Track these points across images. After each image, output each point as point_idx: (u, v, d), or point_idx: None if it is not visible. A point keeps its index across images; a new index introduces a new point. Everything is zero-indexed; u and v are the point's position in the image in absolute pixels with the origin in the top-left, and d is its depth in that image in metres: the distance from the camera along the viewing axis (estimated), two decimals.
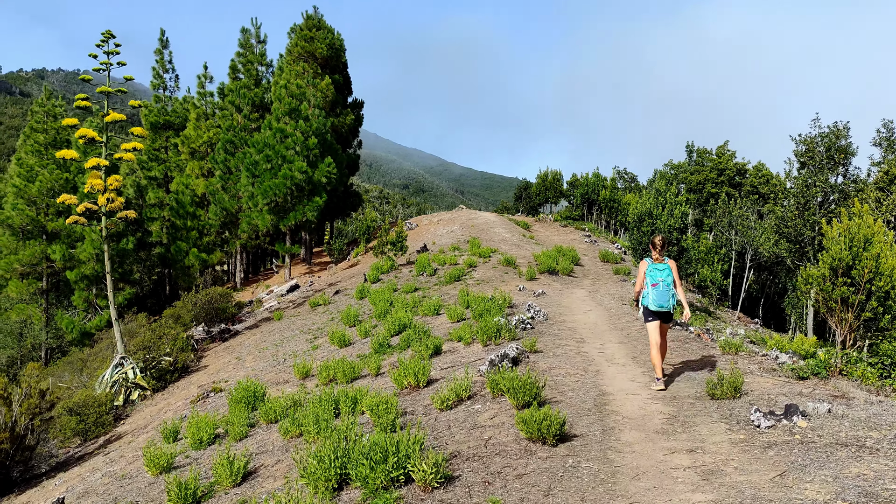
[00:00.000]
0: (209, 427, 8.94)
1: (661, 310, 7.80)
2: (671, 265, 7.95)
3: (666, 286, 7.75)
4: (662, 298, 7.75)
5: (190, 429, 8.97)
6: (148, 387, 17.70)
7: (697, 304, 20.90)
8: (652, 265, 7.90)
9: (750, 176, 37.67)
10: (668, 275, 7.81)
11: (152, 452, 7.78)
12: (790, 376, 7.74)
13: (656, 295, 7.77)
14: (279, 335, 19.50)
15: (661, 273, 7.82)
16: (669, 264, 7.94)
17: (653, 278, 7.85)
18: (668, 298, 7.74)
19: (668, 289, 7.74)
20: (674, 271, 7.94)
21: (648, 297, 7.85)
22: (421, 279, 21.47)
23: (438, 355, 10.88)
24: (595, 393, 7.37)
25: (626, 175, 49.20)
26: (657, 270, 7.84)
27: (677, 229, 16.47)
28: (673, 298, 7.79)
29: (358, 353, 13.44)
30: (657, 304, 7.77)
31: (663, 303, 7.75)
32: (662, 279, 7.78)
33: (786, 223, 22.16)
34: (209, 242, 34.98)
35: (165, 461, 7.73)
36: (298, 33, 36.09)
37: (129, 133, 19.65)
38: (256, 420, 9.25)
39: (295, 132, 29.85)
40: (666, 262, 7.93)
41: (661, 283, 7.77)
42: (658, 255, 7.90)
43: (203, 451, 8.59)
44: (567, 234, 34.69)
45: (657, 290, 7.77)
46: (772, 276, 32.65)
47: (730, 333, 12.28)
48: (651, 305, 7.83)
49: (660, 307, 7.77)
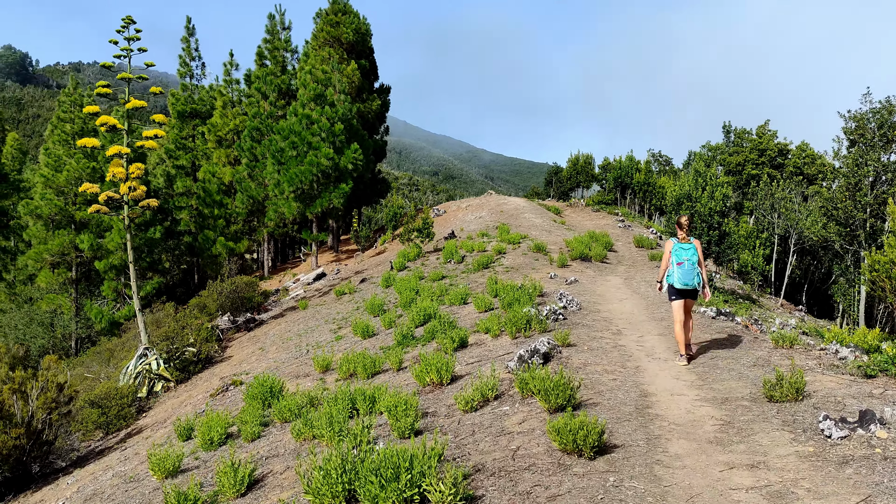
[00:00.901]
0: (221, 426, 8.43)
1: (686, 288, 7.96)
2: (696, 245, 8.11)
3: (691, 265, 7.92)
4: (688, 277, 7.91)
5: (201, 428, 8.47)
6: (171, 378, 17.39)
7: (739, 290, 19.89)
8: (678, 244, 8.06)
9: (793, 156, 35.99)
10: (693, 254, 7.97)
11: (158, 455, 7.27)
12: (856, 374, 6.91)
13: (681, 273, 7.94)
14: (304, 325, 19.08)
15: (686, 252, 7.97)
16: (695, 244, 8.10)
17: (678, 257, 8.00)
18: (692, 277, 7.91)
19: (693, 267, 7.91)
20: (699, 251, 8.09)
21: (674, 276, 8.01)
22: (448, 266, 20.86)
23: (464, 348, 10.22)
24: (636, 393, 6.64)
25: (660, 158, 47.75)
26: (683, 250, 8.00)
27: (718, 212, 15.53)
28: (698, 277, 7.96)
29: (381, 344, 12.88)
30: (682, 283, 7.94)
31: (688, 281, 7.91)
32: (688, 258, 7.94)
33: (835, 205, 20.91)
34: (236, 231, 34.74)
35: (171, 464, 7.22)
36: (324, 18, 35.51)
37: (151, 120, 19.30)
38: (271, 419, 8.72)
39: (321, 118, 29.32)
40: (692, 241, 8.10)
41: (687, 261, 7.93)
42: (684, 234, 8.07)
43: (214, 451, 8.08)
44: (600, 218, 33.67)
45: (682, 269, 7.93)
46: (815, 261, 31.26)
47: (779, 324, 11.40)
48: (676, 283, 7.99)
49: (685, 285, 7.93)
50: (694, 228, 15.05)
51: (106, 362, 23.05)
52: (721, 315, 10.89)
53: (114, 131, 18.31)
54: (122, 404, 14.89)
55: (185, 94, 36.16)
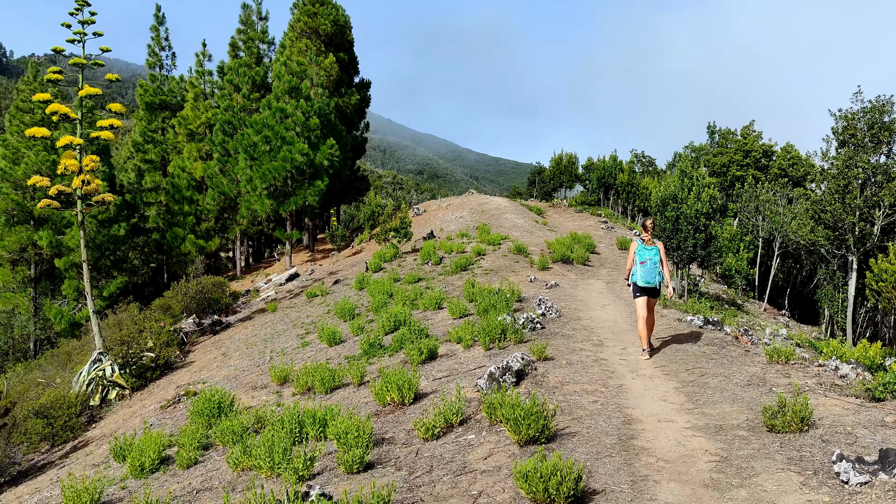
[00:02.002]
0: (155, 449, 7.53)
1: (649, 286, 8.50)
2: (659, 246, 8.64)
3: (653, 264, 8.46)
4: (650, 275, 8.46)
5: (133, 451, 7.56)
6: (126, 386, 16.36)
7: (724, 295, 19.25)
8: (641, 246, 8.60)
9: (778, 158, 35.41)
10: (655, 254, 8.52)
11: (73, 487, 6.35)
12: (862, 397, 6.18)
13: (644, 272, 8.48)
14: (271, 329, 18.18)
15: (649, 252, 8.52)
16: (657, 245, 8.63)
17: (641, 257, 8.54)
18: (654, 276, 8.46)
19: (655, 267, 8.45)
20: (661, 252, 8.63)
21: (637, 275, 8.54)
22: (425, 268, 20.03)
23: (433, 360, 9.39)
24: (619, 420, 5.84)
25: (643, 158, 47.16)
26: (646, 250, 8.55)
27: (705, 214, 14.82)
28: (659, 275, 8.51)
29: (347, 352, 12.02)
30: (645, 281, 8.48)
31: (650, 279, 8.46)
32: (650, 258, 8.49)
33: (823, 208, 20.26)
34: (208, 228, 33.61)
35: (89, 498, 6.30)
36: (301, 8, 34.45)
37: (108, 109, 18.26)
38: (213, 441, 7.82)
39: (295, 112, 28.32)
40: (655, 243, 8.62)
41: (649, 261, 8.47)
42: (648, 236, 8.59)
43: (145, 479, 7.18)
44: (582, 219, 33.01)
45: (645, 268, 8.48)
46: (797, 264, 30.79)
47: (770, 334, 10.70)
48: (639, 282, 8.52)
49: (647, 283, 8.48)
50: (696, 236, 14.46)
51: (63, 366, 21.96)
52: (709, 324, 10.16)
53: (66, 121, 17.22)
54: (69, 414, 13.90)
55: (155, 84, 34.89)
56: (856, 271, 19.42)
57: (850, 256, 19.58)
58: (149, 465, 7.37)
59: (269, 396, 10.30)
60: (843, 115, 20.94)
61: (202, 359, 17.63)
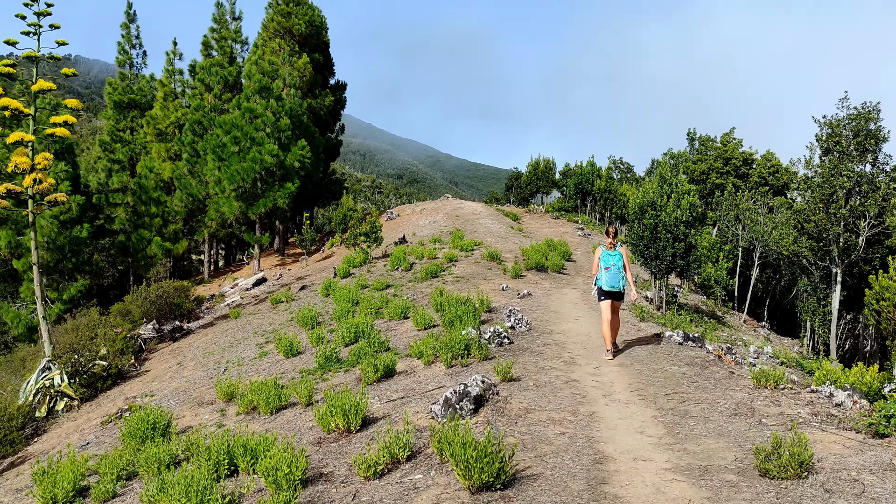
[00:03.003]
0: (72, 478, 6.65)
1: (613, 290, 8.84)
2: (622, 252, 8.94)
3: (617, 269, 8.81)
4: (614, 280, 8.79)
5: (46, 480, 6.68)
6: (76, 396, 15.34)
7: (703, 306, 18.63)
8: (605, 252, 8.90)
9: (758, 166, 34.99)
10: (618, 259, 8.84)
11: None
12: (863, 431, 5.49)
13: (608, 277, 8.80)
14: (231, 337, 17.30)
15: (612, 258, 8.84)
16: (621, 251, 8.93)
17: (605, 262, 8.85)
18: (618, 280, 8.81)
19: (618, 272, 8.81)
20: (624, 257, 8.94)
21: (602, 279, 8.85)
22: (395, 274, 19.26)
23: (390, 378, 8.59)
24: (589, 458, 5.08)
25: (622, 165, 46.68)
26: (610, 256, 8.86)
27: (684, 223, 14.17)
28: (623, 280, 8.88)
29: (303, 365, 11.20)
30: (609, 285, 8.82)
31: (615, 283, 8.80)
32: (614, 263, 8.82)
33: (806, 217, 19.64)
34: (175, 231, 32.51)
35: None
36: (275, 8, 33.54)
37: (58, 105, 17.27)
38: (139, 469, 6.95)
39: (265, 112, 27.40)
40: (618, 248, 8.91)
41: (613, 266, 8.81)
42: (611, 242, 8.87)
43: None
44: (559, 226, 32.39)
45: (609, 273, 8.80)
46: (776, 274, 30.39)
47: (754, 352, 10.03)
48: (604, 286, 8.85)
49: (611, 287, 8.82)
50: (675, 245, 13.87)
51: (16, 372, 20.91)
52: (689, 341, 9.46)
53: (17, 117, 16.24)
54: (10, 427, 12.89)
55: (124, 83, 33.80)
56: (840, 283, 18.86)
57: (833, 268, 19.00)
58: (62, 497, 6.49)
59: (212, 415, 9.43)
60: (827, 121, 20.34)
61: (158, 368, 16.72)
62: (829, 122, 20.13)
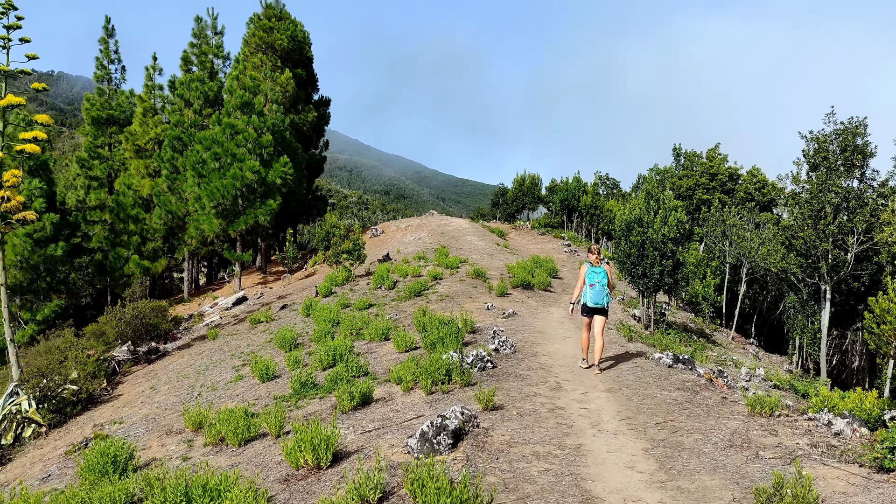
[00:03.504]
0: None
1: (597, 306, 8.97)
2: (607, 269, 9.03)
3: (602, 286, 8.92)
4: (598, 296, 8.91)
5: None
6: (43, 422, 14.70)
7: (692, 324, 18.31)
8: (591, 268, 9.02)
9: (744, 182, 34.91)
10: (603, 276, 8.94)
11: None
12: (867, 465, 5.12)
13: (593, 294, 8.93)
14: (208, 359, 16.77)
15: (597, 275, 8.95)
16: (605, 268, 9.02)
17: (590, 279, 8.98)
18: (602, 297, 8.92)
19: (603, 288, 8.92)
20: (608, 274, 9.03)
21: (587, 296, 8.99)
22: (378, 293, 18.82)
23: (367, 406, 8.14)
24: (576, 499, 4.67)
25: (608, 181, 46.57)
26: (594, 273, 8.98)
27: (672, 239, 13.86)
28: (607, 297, 8.98)
29: (278, 391, 10.72)
30: (594, 302, 8.95)
31: (599, 300, 8.92)
32: (599, 280, 8.93)
33: (794, 234, 19.36)
34: (154, 249, 31.86)
35: None
36: (257, 23, 33.23)
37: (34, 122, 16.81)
38: None
39: (247, 128, 26.99)
40: (602, 266, 9.01)
41: (598, 283, 8.93)
42: (595, 259, 9.00)
43: None
44: (545, 242, 32.11)
45: (594, 290, 8.93)
46: (763, 290, 30.22)
47: (746, 374, 9.67)
48: (589, 303, 8.98)
49: (595, 304, 8.95)
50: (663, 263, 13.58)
51: None
52: (679, 363, 9.10)
53: None
54: None
55: (102, 98, 33.26)
56: (829, 301, 18.56)
57: (822, 285, 18.72)
58: None
59: (179, 446, 8.93)
60: (814, 136, 20.10)
61: (130, 392, 16.14)
62: (815, 138, 19.92)
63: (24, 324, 27.23)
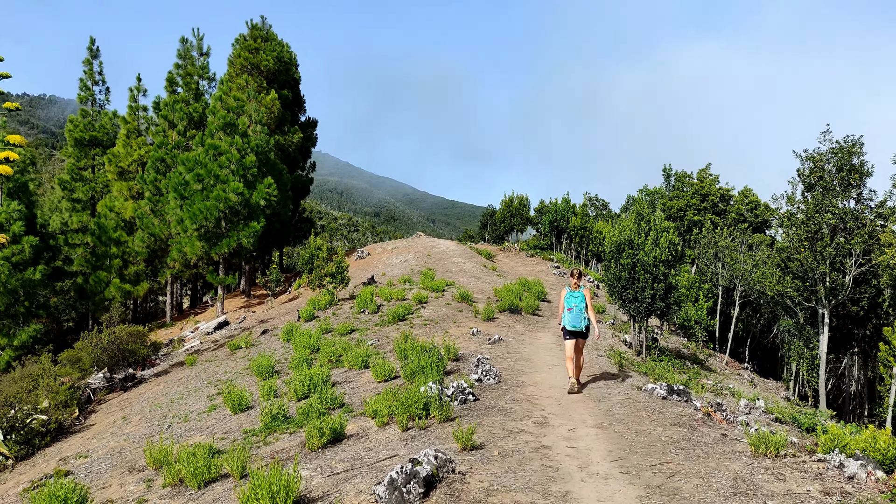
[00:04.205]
0: None
1: (575, 329, 9.18)
2: (585, 293, 9.31)
3: (579, 310, 9.15)
4: (576, 320, 9.14)
5: None
6: (10, 455, 13.99)
7: (685, 349, 17.76)
8: (570, 293, 9.28)
9: (736, 202, 34.58)
10: (581, 301, 9.19)
11: None
12: None
13: (571, 317, 9.17)
14: (183, 387, 16.11)
15: (575, 300, 9.20)
16: (584, 293, 9.30)
17: (569, 304, 9.23)
18: (580, 320, 9.14)
19: (580, 312, 9.15)
20: (587, 298, 9.29)
21: (566, 319, 9.22)
22: (361, 318, 18.23)
23: (338, 443, 7.53)
24: None
25: (597, 202, 46.23)
26: (573, 297, 9.22)
27: (664, 262, 13.37)
28: (586, 320, 9.20)
29: (250, 423, 10.10)
30: (572, 325, 9.17)
31: (577, 324, 9.15)
32: (576, 304, 9.17)
33: (790, 256, 18.83)
34: (137, 272, 31.14)
35: None
36: (242, 44, 32.91)
37: (4, 141, 16.25)
38: None
39: (230, 149, 26.48)
40: (581, 290, 9.29)
41: (576, 307, 9.17)
42: (575, 283, 9.35)
43: None
44: (534, 264, 31.59)
45: (572, 314, 9.16)
46: (756, 313, 29.75)
47: (745, 406, 9.11)
48: (567, 326, 9.20)
49: (574, 327, 9.16)
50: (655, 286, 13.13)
51: None
52: (674, 394, 8.53)
53: None
54: None
55: (86, 120, 32.73)
56: (827, 326, 17.98)
57: (820, 309, 18.16)
58: None
59: (137, 486, 8.26)
60: (809, 155, 19.62)
61: (103, 422, 15.43)
62: (811, 157, 19.44)
63: (1, 350, 26.41)
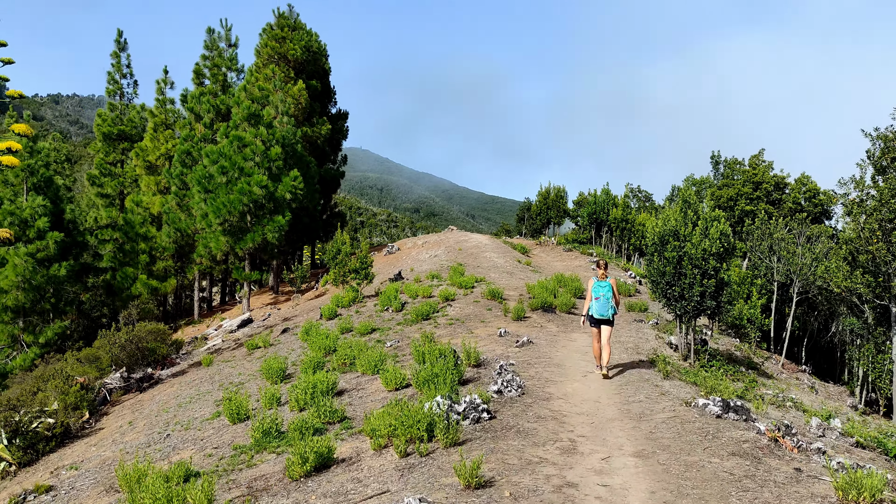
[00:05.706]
0: None
1: (602, 318, 9.70)
2: (612, 283, 9.84)
3: (606, 299, 9.67)
4: (603, 308, 9.65)
5: None
6: (13, 461, 13.29)
7: (737, 352, 16.12)
8: (597, 282, 9.80)
9: (792, 191, 32.28)
10: (608, 290, 9.71)
11: None
12: None
13: (598, 306, 9.69)
14: (195, 389, 15.28)
15: (602, 289, 9.71)
16: (610, 282, 9.81)
17: (596, 293, 9.74)
18: (607, 309, 9.66)
19: (607, 301, 9.66)
20: (613, 288, 9.80)
21: (593, 308, 9.74)
22: (384, 316, 17.14)
23: (325, 470, 6.35)
24: None
25: (639, 193, 44.18)
26: (600, 287, 9.75)
27: (714, 255, 11.84)
28: (612, 308, 9.70)
29: (241, 439, 9.04)
30: (599, 314, 9.69)
31: (604, 312, 9.66)
32: (604, 293, 9.68)
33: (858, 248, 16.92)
34: (165, 268, 30.66)
35: None
36: (269, 33, 32.07)
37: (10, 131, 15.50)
38: None
39: (254, 140, 25.63)
40: (608, 280, 9.81)
41: (603, 296, 9.68)
42: (602, 273, 9.87)
43: None
44: (571, 259, 30.06)
45: (599, 303, 9.68)
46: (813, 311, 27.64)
47: (818, 428, 7.60)
48: (594, 314, 9.73)
49: (601, 315, 9.68)
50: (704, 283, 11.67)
51: None
52: (730, 411, 7.10)
53: None
54: None
55: (114, 114, 32.38)
56: None
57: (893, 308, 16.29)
58: None
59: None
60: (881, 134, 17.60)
61: (111, 426, 14.70)
62: (882, 136, 17.39)
63: (27, 347, 26.13)
